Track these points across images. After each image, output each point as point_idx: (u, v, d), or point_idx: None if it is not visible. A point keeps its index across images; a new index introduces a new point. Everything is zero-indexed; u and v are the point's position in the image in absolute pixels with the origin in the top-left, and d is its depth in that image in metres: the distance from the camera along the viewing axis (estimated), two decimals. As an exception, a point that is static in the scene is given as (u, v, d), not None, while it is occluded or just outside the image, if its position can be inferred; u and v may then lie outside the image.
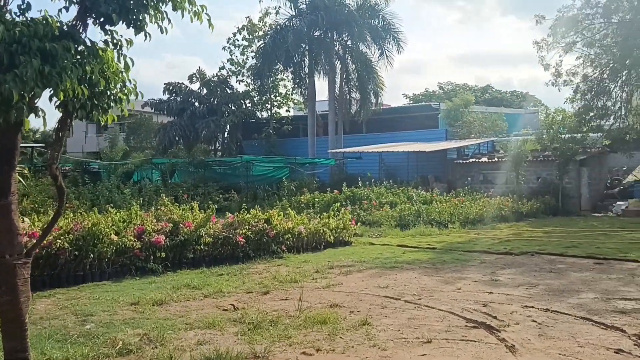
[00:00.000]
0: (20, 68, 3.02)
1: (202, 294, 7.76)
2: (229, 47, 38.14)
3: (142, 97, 3.74)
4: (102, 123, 3.73)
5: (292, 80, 36.69)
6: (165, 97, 38.49)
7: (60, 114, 3.53)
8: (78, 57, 3.43)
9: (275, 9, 36.05)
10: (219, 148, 39.45)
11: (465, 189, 23.23)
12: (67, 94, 3.19)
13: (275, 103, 38.56)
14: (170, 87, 38.47)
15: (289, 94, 38.69)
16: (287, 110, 39.54)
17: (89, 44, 3.58)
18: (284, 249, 11.67)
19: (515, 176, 23.27)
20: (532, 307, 6.84)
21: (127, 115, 3.84)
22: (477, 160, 27.47)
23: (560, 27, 22.57)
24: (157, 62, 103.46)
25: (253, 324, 5.95)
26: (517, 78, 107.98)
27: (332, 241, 12.82)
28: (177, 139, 37.35)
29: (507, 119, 34.08)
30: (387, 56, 33.30)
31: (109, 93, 3.53)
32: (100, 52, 3.54)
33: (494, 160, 26.41)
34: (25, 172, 5.56)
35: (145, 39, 3.69)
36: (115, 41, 3.66)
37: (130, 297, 7.50)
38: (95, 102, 3.47)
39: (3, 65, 3.10)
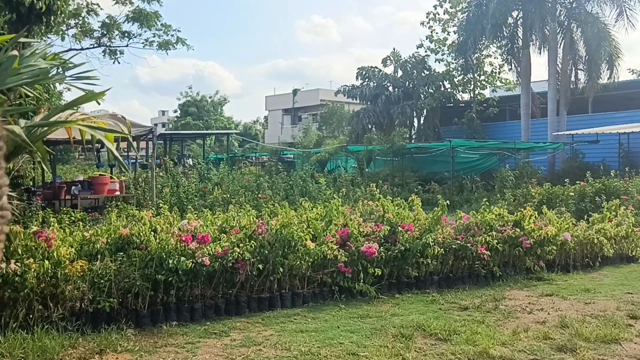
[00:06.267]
0: None
1: (454, 353, 4.54)
2: (428, 23, 34.40)
3: None
4: None
5: (500, 56, 31.75)
6: (358, 82, 36.31)
7: None
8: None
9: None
10: (414, 135, 36.10)
11: None
12: None
13: (478, 83, 33.87)
14: (363, 72, 36.15)
15: (495, 72, 33.65)
16: (493, 91, 34.51)
17: None
18: (542, 265, 7.98)
19: None
20: None
21: None
22: None
23: None
24: (346, 56, 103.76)
25: None
26: None
27: (611, 255, 8.71)
28: (369, 126, 34.94)
29: None
30: (627, 15, 26.53)
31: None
32: None
33: None
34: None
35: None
36: None
37: (339, 349, 4.61)
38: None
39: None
